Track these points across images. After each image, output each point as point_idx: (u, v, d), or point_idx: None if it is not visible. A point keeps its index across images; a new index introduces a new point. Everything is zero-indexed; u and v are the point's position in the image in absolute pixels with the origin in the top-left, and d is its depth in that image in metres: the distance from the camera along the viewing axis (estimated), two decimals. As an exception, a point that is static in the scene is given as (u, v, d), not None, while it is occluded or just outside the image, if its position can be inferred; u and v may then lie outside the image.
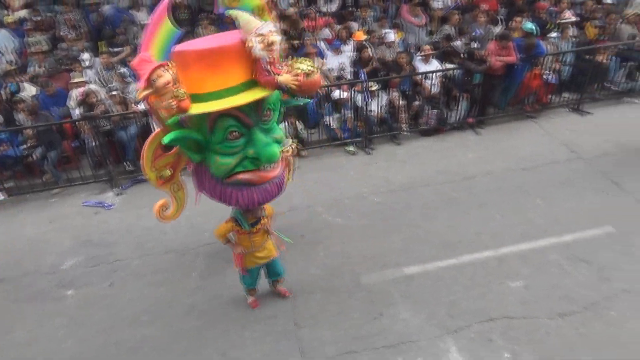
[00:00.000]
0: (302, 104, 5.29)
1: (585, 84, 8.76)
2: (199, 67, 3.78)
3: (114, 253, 6.42)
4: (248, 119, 4.03)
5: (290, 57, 4.49)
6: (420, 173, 7.54)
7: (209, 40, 4.13)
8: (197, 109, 3.78)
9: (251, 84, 3.97)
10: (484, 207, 6.76)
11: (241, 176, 4.19)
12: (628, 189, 6.90)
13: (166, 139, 3.87)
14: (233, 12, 3.94)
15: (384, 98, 8.21)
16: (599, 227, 6.29)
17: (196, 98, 3.80)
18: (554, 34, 9.00)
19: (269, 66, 3.80)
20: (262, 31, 3.71)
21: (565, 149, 7.85)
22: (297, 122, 7.97)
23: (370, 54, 8.46)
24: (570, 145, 7.92)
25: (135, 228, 6.87)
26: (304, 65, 3.94)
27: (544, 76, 8.55)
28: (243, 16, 3.86)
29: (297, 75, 3.87)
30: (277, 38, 3.76)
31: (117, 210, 7.34)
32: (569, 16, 9.19)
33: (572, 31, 8.96)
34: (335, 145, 8.25)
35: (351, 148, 8.19)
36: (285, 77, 3.84)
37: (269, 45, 3.71)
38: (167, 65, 3.67)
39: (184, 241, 6.45)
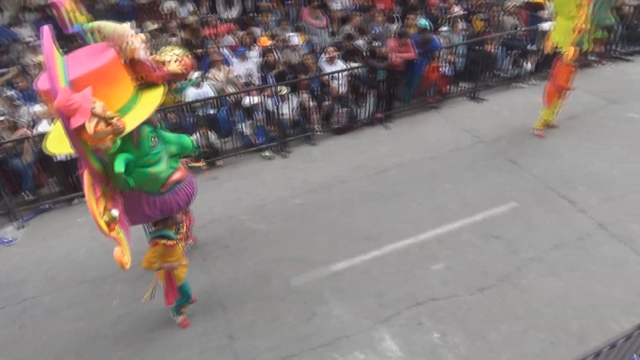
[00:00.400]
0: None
1: (478, 73, 9.43)
2: (102, 87, 3.60)
3: (22, 292, 5.89)
4: (154, 121, 4.08)
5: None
6: (337, 171, 7.70)
7: (84, 58, 3.84)
8: (131, 123, 3.62)
9: (140, 88, 3.99)
10: (400, 197, 7.05)
11: (174, 177, 4.26)
12: (523, 166, 7.53)
13: (121, 167, 3.67)
14: (94, 25, 3.85)
15: (294, 101, 8.29)
16: (504, 203, 6.81)
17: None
18: (445, 29, 9.59)
19: (152, 63, 3.83)
20: (132, 33, 3.72)
21: (467, 135, 8.40)
22: (209, 132, 7.81)
23: (276, 58, 8.50)
24: (471, 131, 8.49)
25: (43, 261, 6.35)
26: (171, 53, 3.97)
27: (441, 69, 9.09)
28: (106, 26, 3.79)
29: (178, 60, 3.91)
30: (143, 36, 3.83)
31: (21, 245, 6.74)
32: (457, 11, 9.85)
33: (461, 25, 9.60)
34: (251, 151, 8.19)
35: (267, 153, 8.18)
36: (172, 66, 3.91)
37: (144, 44, 3.72)
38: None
39: (100, 269, 6.07)
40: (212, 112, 8.05)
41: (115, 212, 3.69)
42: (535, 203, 6.81)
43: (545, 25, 8.98)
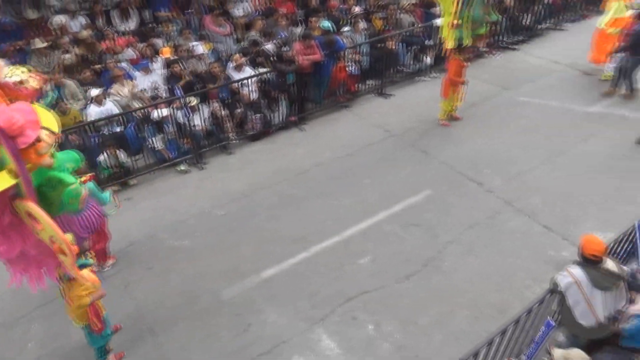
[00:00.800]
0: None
1: (383, 70, 9.80)
2: None
3: None
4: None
5: None
6: (257, 177, 7.64)
7: None
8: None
9: None
10: (322, 197, 7.15)
11: (84, 192, 4.02)
12: (434, 155, 7.94)
13: (72, 178, 3.69)
14: None
15: (205, 111, 8.11)
16: (420, 192, 7.14)
17: None
18: (347, 29, 9.86)
19: (15, 84, 3.56)
20: None
21: (379, 130, 8.70)
22: (117, 151, 7.41)
23: (182, 69, 8.26)
24: (382, 126, 8.80)
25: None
26: (18, 72, 3.74)
27: (348, 68, 9.33)
28: None
29: (32, 77, 3.67)
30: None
31: None
32: (357, 11, 10.16)
33: (362, 25, 9.92)
34: (166, 166, 7.89)
35: (183, 167, 7.92)
36: (31, 83, 3.64)
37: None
38: None
39: (9, 311, 5.55)
40: (118, 129, 7.65)
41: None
42: (447, 188, 7.20)
43: (438, 21, 9.53)
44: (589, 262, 4.11)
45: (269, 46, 8.94)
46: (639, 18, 8.56)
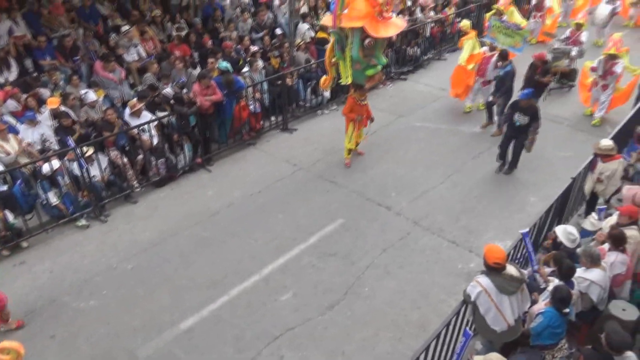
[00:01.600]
0: None
1: (284, 106, 10.00)
2: None
3: None
4: None
5: None
6: (166, 224, 7.33)
7: None
8: None
9: None
10: (236, 237, 7.02)
11: None
12: (342, 184, 8.18)
13: None
14: None
15: (104, 160, 7.68)
16: (333, 221, 7.29)
17: None
18: (246, 69, 9.97)
19: None
20: None
21: (287, 164, 8.80)
22: (3, 212, 6.72)
23: (73, 118, 7.79)
24: (289, 160, 8.92)
25: None
26: None
27: (250, 106, 9.40)
28: None
29: None
30: None
31: None
32: (253, 50, 10.32)
33: (259, 64, 10.09)
34: (63, 223, 7.30)
35: (82, 222, 7.38)
36: None
37: None
38: None
39: None
40: (4, 188, 6.97)
41: None
42: (359, 215, 7.43)
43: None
44: (493, 270, 4.43)
45: (167, 89, 8.76)
46: (503, 59, 9.18)
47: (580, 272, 4.75)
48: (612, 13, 13.32)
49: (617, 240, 4.91)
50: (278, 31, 11.51)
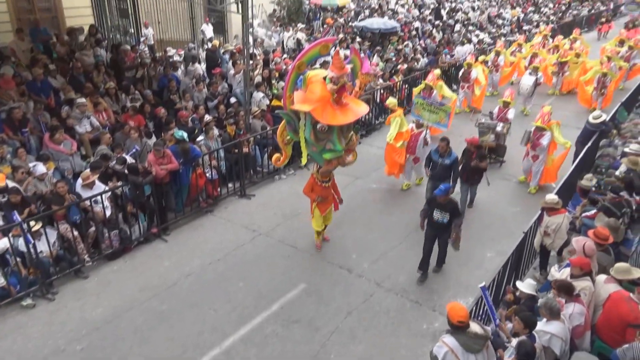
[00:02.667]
0: None
1: (241, 172, 10.02)
2: None
3: None
4: None
5: None
6: (120, 299, 6.98)
7: None
8: None
9: None
10: (196, 308, 6.76)
11: None
12: (302, 248, 8.13)
13: None
14: None
15: (53, 234, 7.34)
16: (295, 287, 7.17)
17: None
18: (201, 137, 10.02)
19: None
20: None
21: (246, 231, 8.70)
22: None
23: (23, 194, 7.48)
24: (249, 226, 8.83)
25: None
26: None
27: (207, 174, 9.37)
28: None
29: None
30: None
31: None
32: (208, 119, 10.44)
33: (215, 132, 10.19)
34: (6, 304, 6.79)
35: (28, 301, 6.90)
36: None
37: None
38: None
39: None
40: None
41: None
42: (321, 279, 7.35)
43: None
44: (457, 328, 4.44)
45: (118, 162, 8.62)
46: (445, 146, 8.47)
47: (540, 325, 4.83)
48: (535, 83, 14.00)
49: (566, 290, 5.06)
50: (232, 100, 11.76)
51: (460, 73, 14.60)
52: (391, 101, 10.63)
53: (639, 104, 14.01)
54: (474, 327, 4.50)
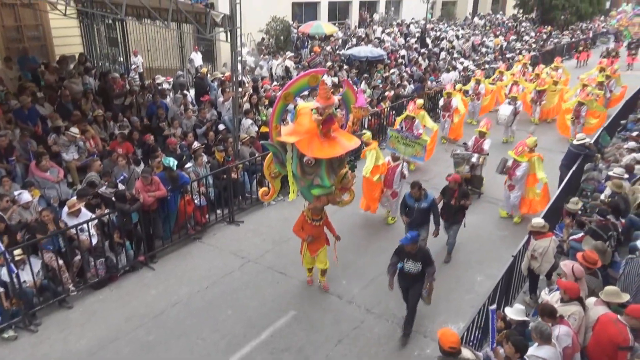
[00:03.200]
0: None
1: (230, 198, 9.99)
2: None
3: None
4: None
5: None
6: (105, 330, 6.82)
7: None
8: None
9: None
10: (183, 337, 6.63)
11: None
12: (291, 274, 8.05)
13: None
14: None
15: (37, 263, 7.20)
16: (285, 314, 7.07)
17: None
18: (189, 164, 10.01)
19: None
20: None
21: (235, 257, 8.61)
22: None
23: (6, 222, 7.36)
24: (237, 253, 8.75)
25: None
26: None
27: (195, 200, 9.32)
28: None
29: None
30: None
31: None
32: (197, 146, 10.45)
33: (204, 158, 10.19)
34: (-14, 337, 6.62)
35: (10, 333, 6.72)
36: None
37: None
38: None
39: None
40: None
41: None
42: (311, 306, 7.27)
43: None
44: (449, 354, 4.41)
45: (109, 186, 8.57)
46: (418, 190, 7.82)
47: (532, 350, 4.81)
48: (513, 112, 14.01)
49: (548, 313, 5.06)
50: (221, 127, 11.80)
51: (441, 103, 14.60)
52: (365, 134, 10.14)
53: (620, 128, 14.36)
54: (466, 353, 4.47)
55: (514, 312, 5.44)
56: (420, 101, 12.78)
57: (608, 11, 50.03)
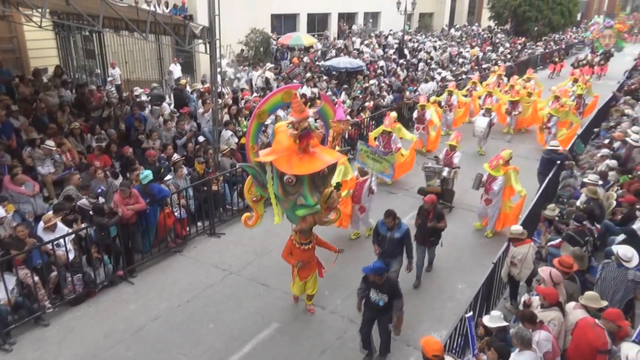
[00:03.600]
0: None
1: (211, 210, 9.90)
2: None
3: None
4: None
5: None
6: (83, 346, 6.66)
7: None
8: None
9: None
10: (164, 353, 6.52)
11: None
12: (274, 286, 8.00)
13: None
14: None
15: (12, 280, 7.01)
16: (267, 326, 7.02)
17: None
18: (169, 176, 9.90)
19: None
20: None
21: (216, 270, 8.52)
22: None
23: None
24: (219, 265, 8.66)
25: None
26: None
27: (175, 213, 9.21)
28: None
29: None
30: None
31: None
32: (176, 158, 10.34)
33: (184, 170, 10.09)
34: (-43, 357, 6.41)
35: (-17, 353, 6.53)
36: None
37: None
38: None
39: None
40: None
41: None
42: (293, 317, 7.22)
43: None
44: (433, 363, 4.41)
45: (85, 200, 8.42)
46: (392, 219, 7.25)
47: (513, 355, 4.85)
48: (489, 124, 14.02)
49: (529, 319, 5.12)
50: (201, 138, 11.73)
51: (415, 115, 14.62)
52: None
53: (594, 136, 14.73)
54: (449, 360, 4.48)
55: (491, 319, 5.49)
56: (394, 114, 12.57)
57: (579, 23, 51.61)
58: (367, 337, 6.28)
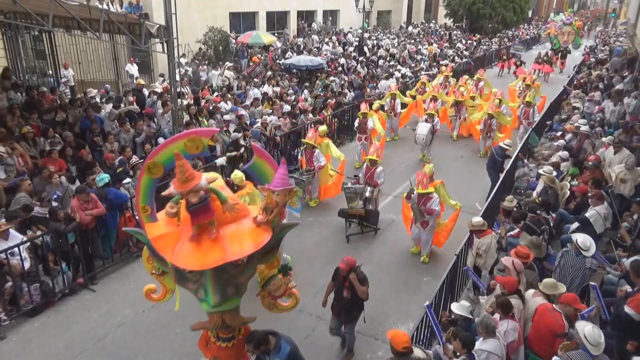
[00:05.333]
0: None
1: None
2: None
3: None
4: None
5: None
6: (43, 359, 6.41)
7: None
8: None
9: None
10: (129, 361, 6.34)
11: None
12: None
13: None
14: None
15: (-38, 293, 6.68)
16: (235, 328, 6.91)
17: None
18: (128, 180, 9.63)
19: None
20: None
21: (180, 274, 8.35)
22: None
23: None
24: (183, 269, 8.49)
25: None
26: None
27: (136, 217, 8.96)
28: None
29: None
30: None
31: None
32: (136, 160, 10.08)
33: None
34: None
35: None
36: None
37: None
38: None
39: None
40: None
41: None
42: (262, 316, 7.09)
43: (218, 161, 10.07)
44: (402, 355, 4.49)
45: (39, 208, 8.09)
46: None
47: (478, 344, 4.99)
48: (431, 131, 13.22)
49: (505, 307, 5.29)
50: (161, 140, 11.48)
51: (356, 124, 13.34)
52: (236, 176, 7.84)
53: (547, 128, 15.30)
54: (417, 352, 4.57)
55: (459, 307, 5.64)
56: (322, 128, 11.32)
57: (531, 19, 53.40)
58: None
